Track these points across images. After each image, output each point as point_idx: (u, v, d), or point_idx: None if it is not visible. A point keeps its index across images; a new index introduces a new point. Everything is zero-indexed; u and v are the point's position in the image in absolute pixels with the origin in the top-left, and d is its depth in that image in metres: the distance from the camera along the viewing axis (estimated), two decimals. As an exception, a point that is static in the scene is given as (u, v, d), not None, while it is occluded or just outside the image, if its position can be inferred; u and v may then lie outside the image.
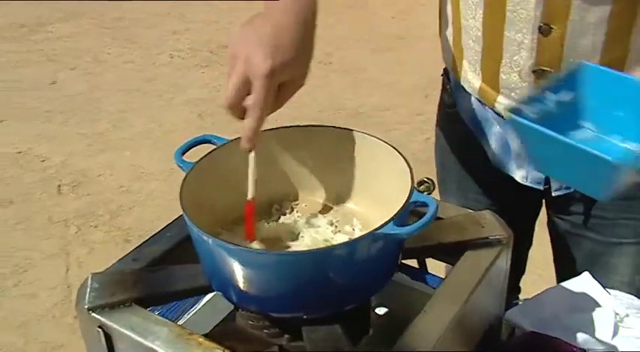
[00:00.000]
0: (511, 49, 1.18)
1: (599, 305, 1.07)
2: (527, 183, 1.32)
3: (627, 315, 1.05)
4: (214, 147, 0.98)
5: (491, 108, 1.30)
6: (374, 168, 0.99)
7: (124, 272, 0.92)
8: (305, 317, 0.86)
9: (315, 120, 1.83)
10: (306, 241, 0.92)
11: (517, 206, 1.40)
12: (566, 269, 1.35)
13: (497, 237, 0.98)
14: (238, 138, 0.92)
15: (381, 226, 0.80)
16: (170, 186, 3.08)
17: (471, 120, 1.36)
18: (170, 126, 3.53)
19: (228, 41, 0.89)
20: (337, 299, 0.87)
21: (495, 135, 1.34)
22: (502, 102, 1.25)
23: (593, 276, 1.13)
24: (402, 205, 0.83)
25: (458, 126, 1.40)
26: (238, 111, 0.87)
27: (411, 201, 0.83)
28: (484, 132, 1.36)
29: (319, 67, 4.20)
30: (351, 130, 1.00)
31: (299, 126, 1.01)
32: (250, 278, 0.84)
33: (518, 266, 1.43)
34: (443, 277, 1.14)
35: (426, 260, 1.15)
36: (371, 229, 0.80)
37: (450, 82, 1.39)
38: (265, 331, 0.90)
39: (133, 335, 0.82)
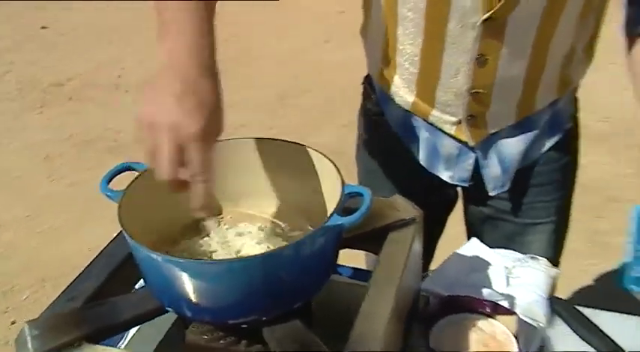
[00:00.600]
0: (448, 73, 1.20)
1: (491, 264, 1.15)
2: (455, 182, 1.38)
3: (514, 267, 1.14)
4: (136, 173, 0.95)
5: (424, 119, 1.32)
6: (298, 171, 0.99)
7: (63, 314, 0.85)
8: (264, 319, 0.84)
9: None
10: (245, 249, 0.91)
11: (438, 201, 1.47)
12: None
13: (412, 216, 1.00)
14: None
15: (328, 219, 0.80)
16: (28, 233, 2.90)
17: (399, 127, 1.38)
18: (17, 172, 3.32)
19: (138, 111, 0.78)
20: (294, 295, 0.86)
21: (425, 141, 1.36)
22: (436, 115, 1.28)
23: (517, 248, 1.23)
24: (339, 197, 0.83)
25: (384, 132, 1.41)
26: (178, 184, 0.78)
27: (345, 193, 0.84)
28: (413, 138, 1.38)
29: None
30: (269, 139, 0.99)
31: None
32: (205, 289, 0.81)
33: (429, 252, 1.50)
34: (352, 267, 1.20)
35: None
36: (315, 225, 0.82)
37: (375, 92, 1.40)
38: (222, 341, 0.87)
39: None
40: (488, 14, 1.07)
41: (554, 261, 1.44)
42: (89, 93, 4.12)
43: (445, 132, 1.31)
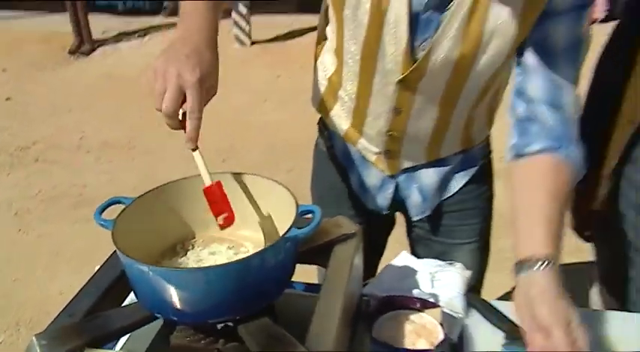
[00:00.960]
0: (373, 115, 1.29)
1: (417, 271, 1.22)
2: (377, 209, 1.46)
3: (436, 272, 1.22)
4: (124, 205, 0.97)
5: (353, 147, 1.40)
6: (257, 198, 1.03)
7: (65, 327, 0.87)
8: (238, 318, 0.87)
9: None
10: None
11: (378, 224, 1.53)
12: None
13: (353, 231, 1.06)
14: (145, 194, 0.95)
15: (287, 231, 0.86)
16: (2, 281, 2.81)
17: (342, 158, 1.45)
18: None
19: (153, 64, 0.92)
20: (261, 297, 0.90)
21: (356, 172, 1.44)
22: (362, 144, 1.36)
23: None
24: (294, 214, 0.89)
25: (332, 163, 1.48)
26: (175, 119, 0.91)
27: (299, 211, 0.90)
28: (351, 168, 1.45)
29: (124, 151, 4.15)
30: (232, 173, 1.04)
31: (185, 178, 1.03)
32: (187, 294, 0.85)
33: (371, 267, 1.54)
34: (305, 282, 1.22)
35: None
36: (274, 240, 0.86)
37: (328, 129, 1.46)
38: (202, 342, 0.90)
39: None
40: (402, 76, 1.15)
41: (480, 275, 1.53)
42: (53, 155, 4.06)
43: (369, 162, 1.39)
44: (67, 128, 4.48)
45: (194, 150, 0.93)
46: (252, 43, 6.03)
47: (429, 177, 1.39)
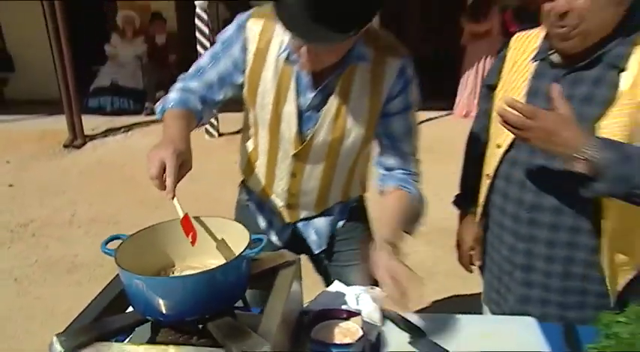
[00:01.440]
0: (278, 178, 1.53)
1: (346, 293, 1.35)
2: (281, 246, 1.61)
3: (360, 294, 1.34)
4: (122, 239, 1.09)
5: (266, 200, 1.60)
6: (219, 234, 1.16)
7: (79, 327, 0.99)
8: (207, 316, 0.99)
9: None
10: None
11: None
12: (329, 282, 1.57)
13: (293, 259, 1.21)
14: (138, 232, 1.10)
15: (243, 251, 1.01)
16: (3, 338, 2.76)
17: (258, 210, 1.66)
18: None
19: (147, 155, 1.13)
20: (224, 300, 1.02)
21: (269, 220, 1.64)
22: (272, 200, 1.58)
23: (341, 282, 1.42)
24: (248, 240, 1.04)
25: (249, 214, 1.65)
26: (160, 181, 1.09)
27: (252, 238, 1.05)
28: (264, 217, 1.64)
29: (110, 226, 4.14)
30: (201, 217, 1.17)
31: (168, 221, 1.15)
32: (170, 298, 0.96)
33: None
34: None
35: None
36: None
37: (247, 188, 1.66)
38: (180, 338, 1.01)
39: None
40: (295, 152, 1.43)
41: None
42: (49, 230, 4.03)
43: (276, 212, 1.60)
44: (60, 207, 4.47)
45: (172, 198, 1.10)
46: (220, 134, 6.17)
47: (321, 222, 1.61)
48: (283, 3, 1.09)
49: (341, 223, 1.64)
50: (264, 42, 1.34)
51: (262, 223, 1.65)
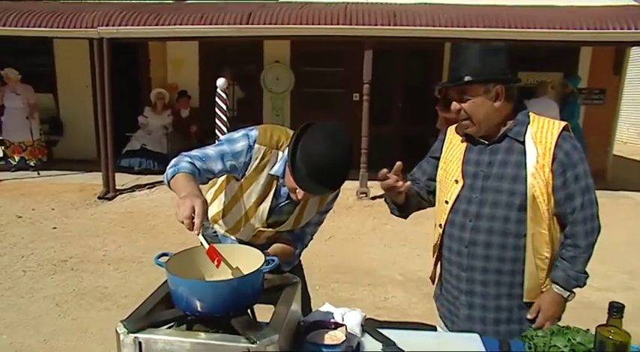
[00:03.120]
0: (239, 233, 1.75)
1: (333, 312, 1.46)
2: None
3: (345, 313, 1.46)
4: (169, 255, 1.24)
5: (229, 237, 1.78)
6: (240, 257, 1.30)
7: (137, 317, 1.12)
8: (231, 314, 1.12)
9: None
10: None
11: None
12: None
13: (296, 280, 1.36)
14: (180, 252, 1.24)
15: (259, 267, 1.16)
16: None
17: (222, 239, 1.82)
18: (36, 315, 3.22)
19: (176, 202, 1.27)
20: (244, 302, 1.16)
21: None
22: (239, 237, 1.77)
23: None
24: (264, 259, 1.20)
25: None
26: (189, 222, 1.21)
27: (267, 258, 1.21)
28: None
29: (135, 264, 4.18)
30: (227, 244, 1.33)
31: (195, 246, 1.29)
32: (205, 298, 1.10)
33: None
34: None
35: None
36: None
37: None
38: (210, 330, 1.13)
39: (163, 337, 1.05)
40: (259, 227, 1.69)
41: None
42: (84, 266, 4.10)
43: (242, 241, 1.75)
44: (94, 247, 4.55)
45: (198, 234, 1.24)
46: None
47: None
48: (298, 171, 1.44)
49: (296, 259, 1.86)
50: (263, 163, 1.59)
51: None
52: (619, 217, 5.59)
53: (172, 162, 1.53)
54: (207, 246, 1.24)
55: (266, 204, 1.64)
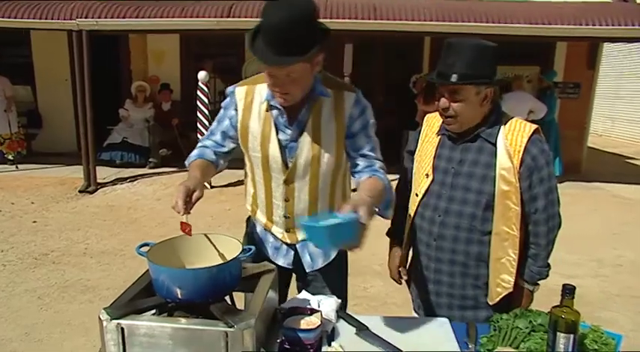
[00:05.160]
0: (275, 206, 1.60)
1: (309, 299, 1.49)
2: (286, 266, 1.67)
3: (321, 300, 1.49)
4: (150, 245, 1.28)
5: (269, 231, 1.67)
6: (219, 246, 1.34)
7: (119, 304, 1.16)
8: (210, 300, 1.16)
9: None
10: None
11: (283, 277, 1.65)
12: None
13: (272, 268, 1.41)
14: (161, 241, 1.27)
15: (237, 256, 1.21)
16: (28, 348, 2.77)
17: (263, 238, 1.70)
18: (16, 308, 3.20)
19: (176, 187, 1.27)
20: (224, 289, 1.20)
21: (271, 245, 1.69)
22: (274, 228, 1.64)
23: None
24: (240, 249, 1.25)
25: (255, 242, 1.69)
26: (181, 207, 1.23)
27: (244, 247, 1.26)
28: (268, 243, 1.69)
29: (117, 257, 4.19)
30: (206, 234, 1.35)
31: (182, 236, 1.32)
32: (185, 284, 1.14)
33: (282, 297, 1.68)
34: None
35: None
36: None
37: (253, 222, 1.72)
38: (191, 316, 1.18)
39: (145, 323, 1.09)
40: (284, 178, 1.53)
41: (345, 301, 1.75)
42: (66, 259, 4.08)
43: (278, 239, 1.65)
44: (76, 241, 4.53)
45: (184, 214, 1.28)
46: (212, 187, 6.27)
47: (314, 247, 1.63)
48: (255, 45, 1.36)
49: (333, 255, 1.68)
50: (249, 100, 1.54)
51: (270, 250, 1.69)
52: (591, 208, 5.77)
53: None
54: (184, 219, 1.28)
55: (273, 143, 1.51)
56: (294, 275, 1.77)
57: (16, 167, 7.06)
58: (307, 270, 1.68)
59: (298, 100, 1.46)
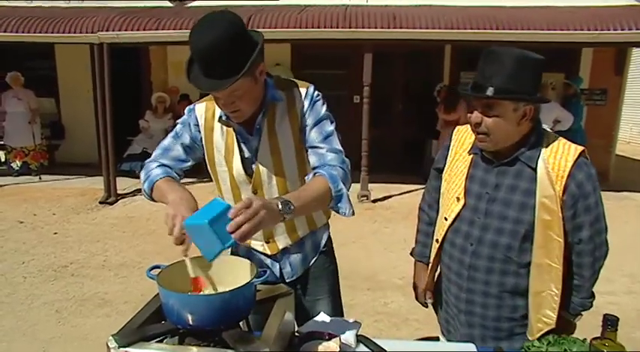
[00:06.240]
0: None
1: (327, 321, 1.46)
2: (276, 281, 1.62)
3: (341, 322, 1.46)
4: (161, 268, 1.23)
5: (250, 247, 1.66)
6: (232, 268, 1.29)
7: (128, 331, 1.11)
8: (222, 327, 1.11)
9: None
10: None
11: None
12: (301, 313, 1.64)
13: (288, 290, 1.35)
14: (172, 264, 1.22)
15: (251, 280, 1.16)
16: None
17: (246, 254, 1.66)
18: (34, 322, 3.20)
19: (165, 213, 1.19)
20: (237, 315, 1.15)
21: (257, 261, 1.64)
22: (253, 244, 1.64)
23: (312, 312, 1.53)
24: (255, 271, 1.19)
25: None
26: (177, 239, 1.14)
27: (259, 270, 1.21)
28: (253, 260, 1.54)
29: (135, 269, 4.15)
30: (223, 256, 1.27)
31: (195, 257, 1.25)
32: (196, 311, 1.09)
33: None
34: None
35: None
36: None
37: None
38: (201, 345, 1.12)
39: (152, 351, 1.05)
40: (251, 187, 1.51)
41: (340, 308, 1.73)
42: (84, 271, 4.10)
43: (260, 252, 1.64)
44: (95, 253, 4.55)
45: (185, 255, 1.21)
46: None
47: (294, 255, 1.64)
48: (191, 73, 1.37)
49: (313, 259, 1.68)
50: (209, 115, 1.53)
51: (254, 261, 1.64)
52: (621, 220, 5.57)
53: (142, 176, 1.50)
54: (192, 274, 1.23)
55: (236, 154, 1.51)
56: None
57: (39, 178, 7.18)
58: (287, 279, 1.65)
59: (250, 113, 1.45)
